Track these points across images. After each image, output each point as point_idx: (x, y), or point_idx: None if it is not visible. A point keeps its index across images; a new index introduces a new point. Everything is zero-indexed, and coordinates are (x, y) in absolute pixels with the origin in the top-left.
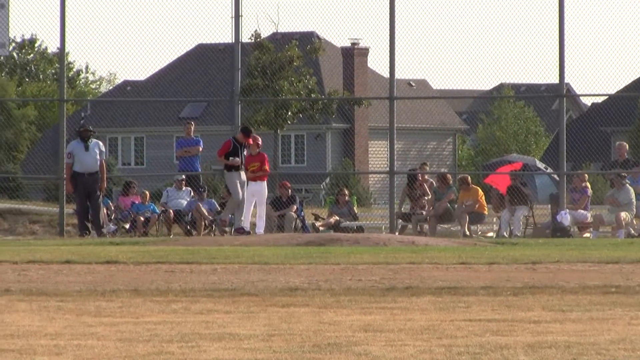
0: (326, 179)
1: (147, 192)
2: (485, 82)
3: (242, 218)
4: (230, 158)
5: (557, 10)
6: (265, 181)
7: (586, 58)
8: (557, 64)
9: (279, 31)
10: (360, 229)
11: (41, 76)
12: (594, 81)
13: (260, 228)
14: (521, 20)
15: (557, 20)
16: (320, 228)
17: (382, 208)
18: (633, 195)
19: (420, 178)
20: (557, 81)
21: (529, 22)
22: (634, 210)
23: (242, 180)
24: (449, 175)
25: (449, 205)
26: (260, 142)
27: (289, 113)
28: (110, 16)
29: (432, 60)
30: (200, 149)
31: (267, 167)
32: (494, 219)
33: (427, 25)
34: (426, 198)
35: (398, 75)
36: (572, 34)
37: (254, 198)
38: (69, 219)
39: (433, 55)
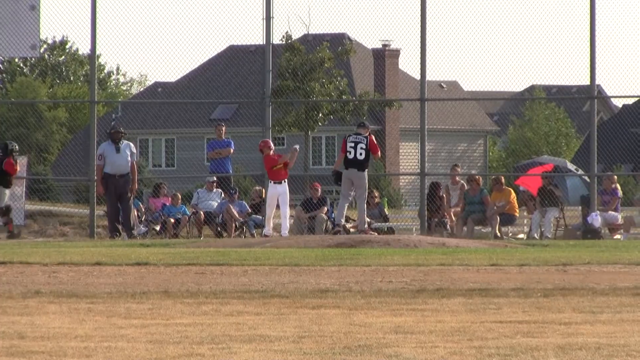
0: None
1: (178, 194)
2: (516, 84)
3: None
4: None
5: (589, 11)
6: (286, 181)
7: (617, 59)
8: (588, 65)
9: (310, 33)
10: (390, 231)
11: (72, 78)
12: (625, 83)
13: (285, 229)
14: (552, 22)
15: (589, 22)
16: (351, 230)
17: (412, 210)
18: None
19: (451, 180)
20: (588, 83)
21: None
22: None
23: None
24: (479, 177)
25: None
26: (271, 145)
27: (320, 115)
28: (141, 18)
29: (463, 61)
30: (232, 151)
31: (288, 164)
32: (525, 221)
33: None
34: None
35: (429, 76)
36: (603, 36)
37: (275, 199)
38: (100, 221)
39: (464, 57)
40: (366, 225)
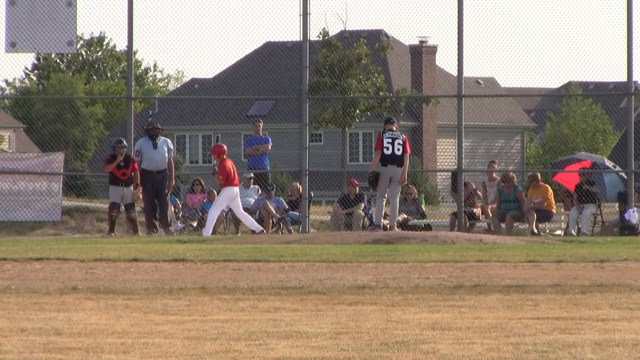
0: None
1: (214, 190)
2: (553, 80)
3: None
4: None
5: (626, 7)
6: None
7: None
8: (626, 61)
9: (347, 29)
10: (428, 227)
11: (109, 74)
12: None
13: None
14: (589, 18)
15: (625, 18)
16: (388, 226)
17: (450, 206)
18: None
19: (488, 177)
20: (625, 79)
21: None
22: None
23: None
24: (512, 174)
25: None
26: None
27: (357, 111)
28: (178, 14)
29: (500, 58)
30: (269, 147)
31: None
32: (562, 217)
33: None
34: (476, 198)
35: (466, 73)
36: None
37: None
38: (137, 217)
39: (501, 53)
40: (395, 223)
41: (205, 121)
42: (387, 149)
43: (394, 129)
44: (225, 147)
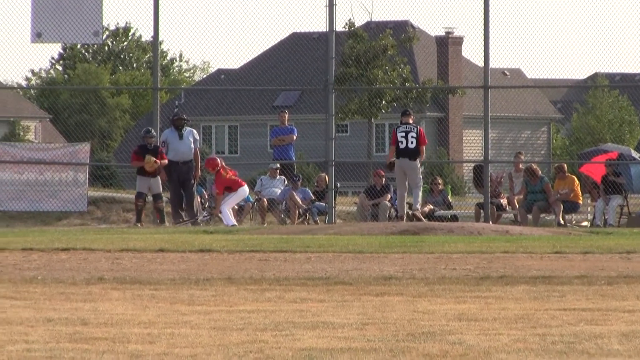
0: (421, 168)
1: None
2: (579, 72)
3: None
4: None
5: None
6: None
7: None
8: None
9: (373, 20)
10: (454, 218)
11: (135, 64)
12: None
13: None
14: (616, 10)
15: None
16: (411, 213)
17: (476, 197)
18: None
19: (515, 168)
20: None
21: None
22: None
23: None
24: (535, 167)
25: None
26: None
27: (383, 102)
28: (204, 4)
29: (526, 49)
30: (295, 138)
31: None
32: (589, 208)
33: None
34: (500, 188)
35: (492, 64)
36: None
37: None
38: (164, 207)
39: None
40: (418, 206)
41: (232, 112)
42: (401, 142)
43: (410, 121)
44: (218, 159)
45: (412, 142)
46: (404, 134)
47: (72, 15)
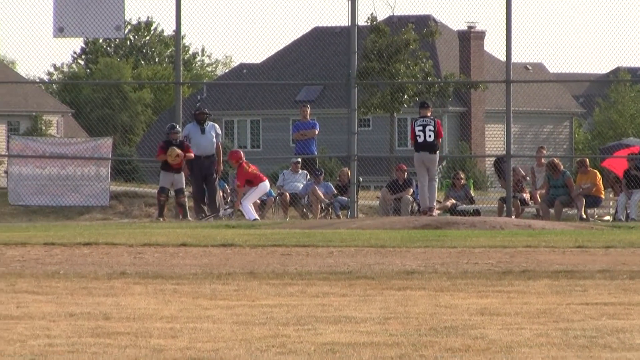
0: (442, 162)
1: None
2: (601, 66)
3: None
4: None
5: None
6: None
7: None
8: None
9: (395, 14)
10: (476, 212)
11: (157, 59)
12: None
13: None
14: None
15: None
16: (437, 211)
17: (498, 192)
18: None
19: (537, 162)
20: None
21: None
22: None
23: None
24: (557, 161)
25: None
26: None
27: (405, 96)
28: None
29: (548, 43)
30: (317, 132)
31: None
32: (611, 203)
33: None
34: (524, 182)
35: (515, 58)
36: None
37: None
38: (186, 202)
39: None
40: (435, 204)
41: (254, 106)
42: (419, 136)
43: (428, 114)
44: (241, 152)
45: (429, 136)
46: (421, 128)
47: (94, 10)
